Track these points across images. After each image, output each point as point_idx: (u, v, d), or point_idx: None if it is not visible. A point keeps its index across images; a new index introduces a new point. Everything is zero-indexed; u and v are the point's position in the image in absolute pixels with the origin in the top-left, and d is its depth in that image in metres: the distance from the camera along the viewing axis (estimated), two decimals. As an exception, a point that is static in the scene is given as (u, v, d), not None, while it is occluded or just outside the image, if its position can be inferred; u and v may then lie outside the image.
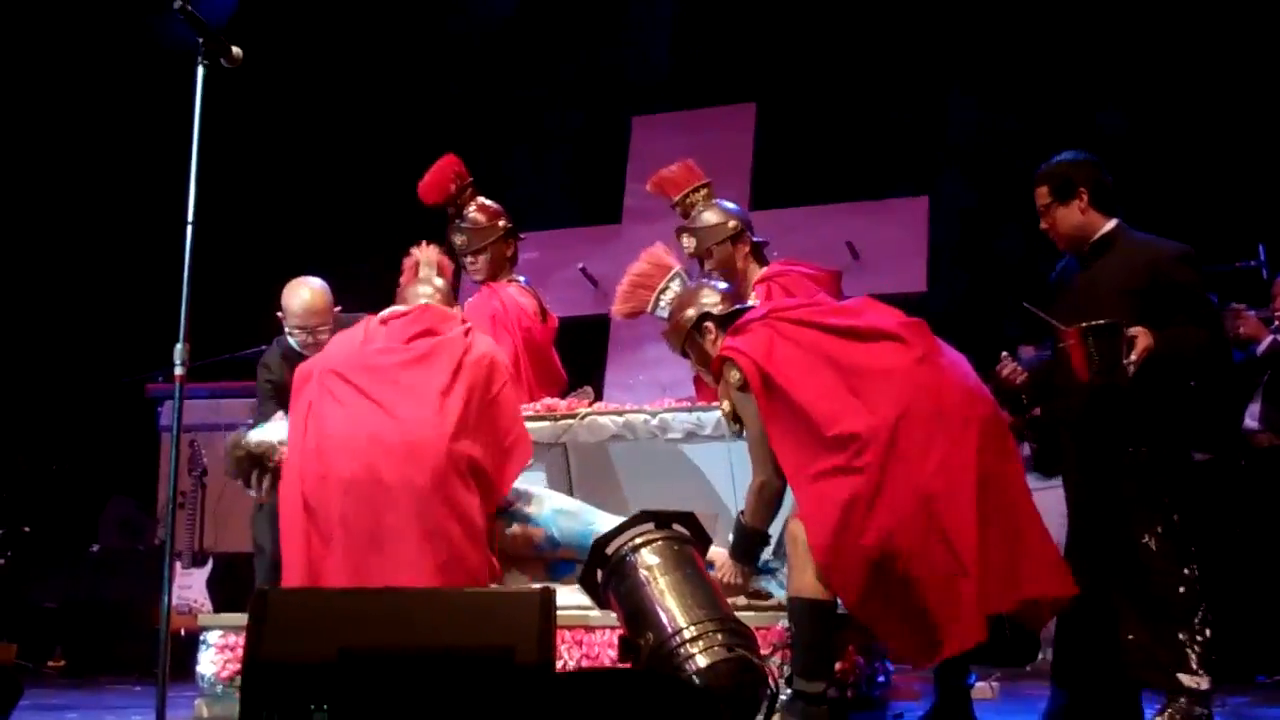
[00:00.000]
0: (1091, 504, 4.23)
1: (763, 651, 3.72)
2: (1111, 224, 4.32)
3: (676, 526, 3.51)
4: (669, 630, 3.26)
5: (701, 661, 3.21)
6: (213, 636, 4.81)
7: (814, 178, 8.48)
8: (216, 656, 4.75)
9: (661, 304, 4.83)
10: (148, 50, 9.17)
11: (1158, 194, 8.11)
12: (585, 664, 4.52)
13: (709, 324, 4.45)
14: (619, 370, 6.96)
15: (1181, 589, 4.01)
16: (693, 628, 3.25)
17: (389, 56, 10.17)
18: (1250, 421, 6.16)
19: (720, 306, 4.47)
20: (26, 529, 8.07)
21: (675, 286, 4.81)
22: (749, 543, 4.16)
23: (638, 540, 3.44)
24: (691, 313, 4.47)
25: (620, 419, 5.06)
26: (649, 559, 3.41)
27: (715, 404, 4.82)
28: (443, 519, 4.30)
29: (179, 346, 3.97)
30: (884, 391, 3.92)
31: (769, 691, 3.33)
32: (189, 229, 4.02)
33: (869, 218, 6.91)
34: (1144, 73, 8.33)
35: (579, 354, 6.46)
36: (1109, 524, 4.14)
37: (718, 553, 4.25)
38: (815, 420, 3.92)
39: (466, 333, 4.75)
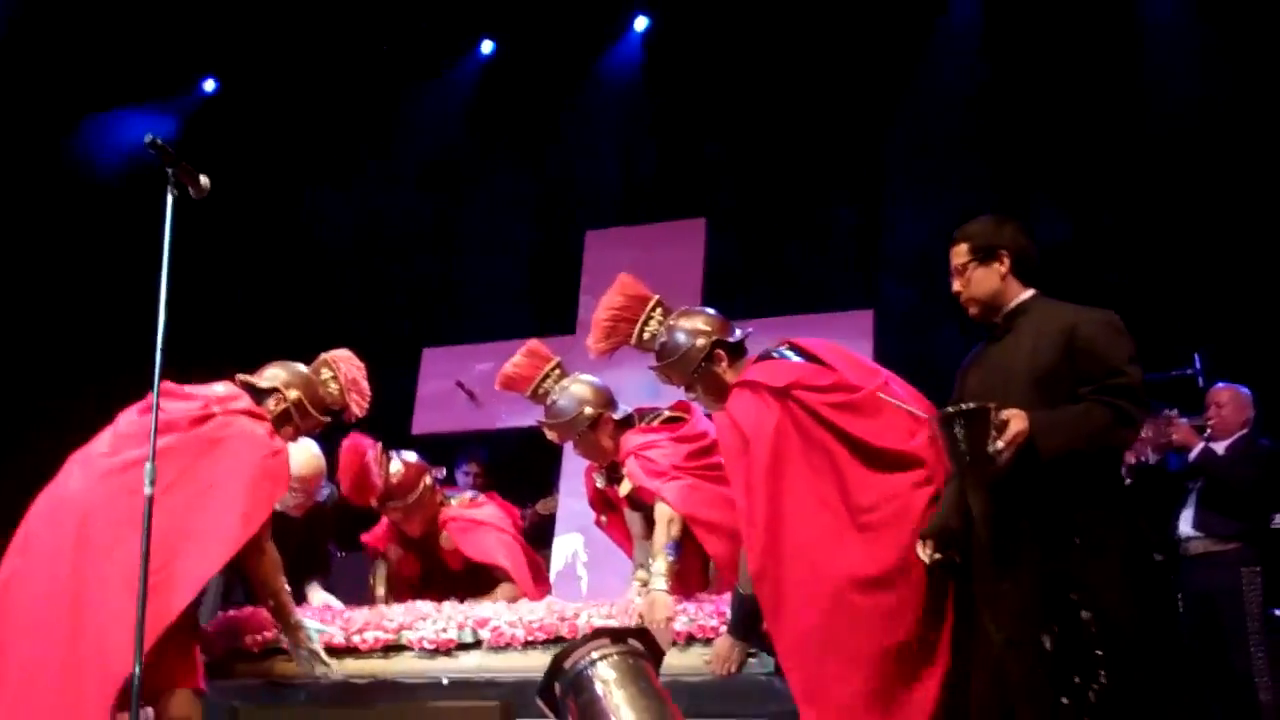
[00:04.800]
0: (996, 602, 3.81)
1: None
2: (1028, 294, 4.04)
3: (632, 641, 3.64)
4: (626, 744, 3.38)
5: (655, 774, 3.32)
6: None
7: (764, 290, 8.70)
8: None
9: (645, 335, 4.79)
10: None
11: (1095, 300, 8.35)
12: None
13: (721, 352, 4.54)
14: (576, 475, 7.09)
15: (1065, 700, 3.62)
16: (648, 741, 3.37)
17: (341, 165, 10.40)
18: (1185, 528, 6.34)
19: (724, 334, 4.57)
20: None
21: (659, 316, 4.79)
22: (747, 615, 4.14)
23: (595, 655, 3.56)
24: (702, 342, 4.54)
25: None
26: (605, 673, 3.52)
27: None
28: None
29: (149, 466, 4.08)
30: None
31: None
32: (158, 354, 4.14)
33: (818, 329, 7.07)
34: (1083, 177, 8.59)
35: (541, 462, 6.58)
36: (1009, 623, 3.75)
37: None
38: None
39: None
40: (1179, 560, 6.38)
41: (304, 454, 5.38)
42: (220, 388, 4.87)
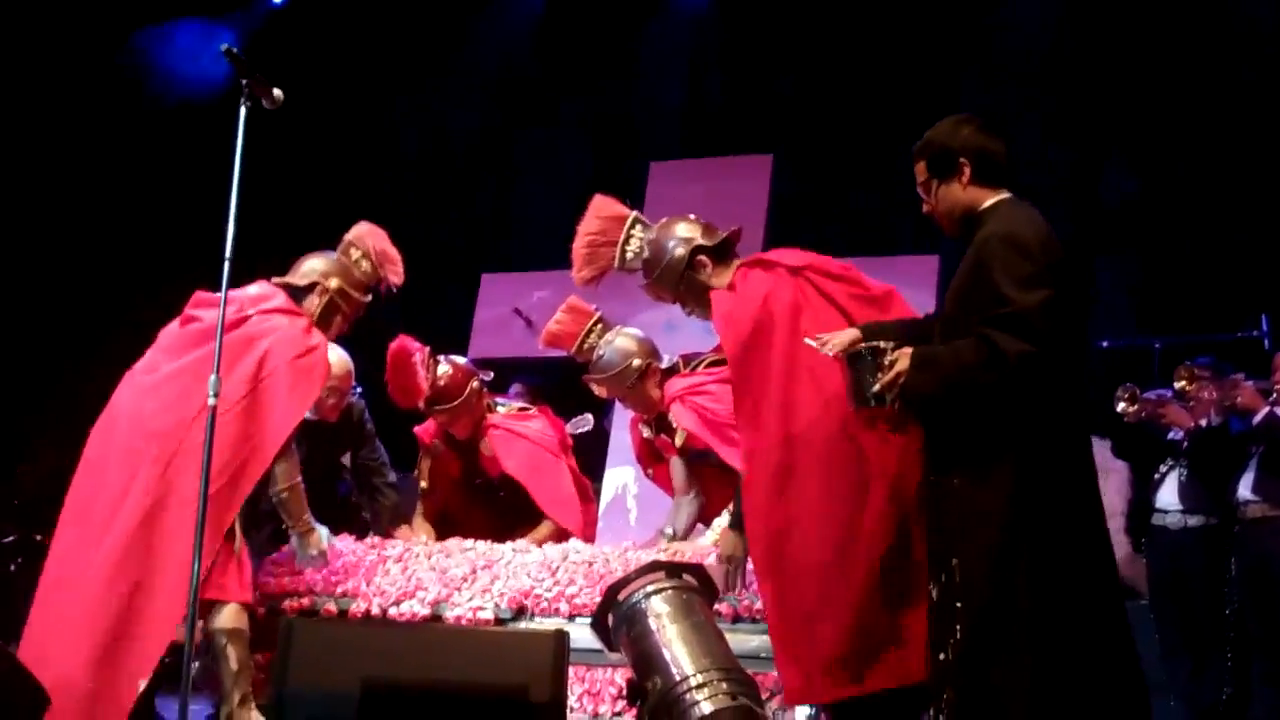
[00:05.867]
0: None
1: (763, 697, 3.85)
2: (992, 200, 3.57)
3: (686, 577, 3.65)
4: (676, 677, 3.39)
5: (706, 708, 3.34)
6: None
7: (829, 231, 8.62)
8: None
9: (628, 255, 4.54)
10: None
11: (1164, 260, 8.25)
12: (586, 699, 4.65)
13: (703, 257, 4.26)
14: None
15: (941, 655, 3.38)
16: (698, 675, 3.38)
17: (400, 90, 10.34)
18: (1244, 491, 6.27)
19: (705, 237, 4.28)
20: (39, 537, 8.15)
21: (639, 233, 4.53)
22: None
23: (649, 588, 3.58)
24: (681, 251, 4.27)
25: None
26: (659, 607, 3.54)
27: None
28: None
29: (213, 378, 4.11)
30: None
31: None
32: (226, 265, 4.17)
33: (881, 273, 7.00)
34: (1156, 137, 8.46)
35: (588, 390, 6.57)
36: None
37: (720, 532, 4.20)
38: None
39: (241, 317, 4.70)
40: (1235, 524, 6.32)
41: (332, 355, 5.40)
42: (254, 289, 4.90)
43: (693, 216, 4.45)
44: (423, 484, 5.88)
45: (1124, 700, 3.31)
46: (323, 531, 4.86)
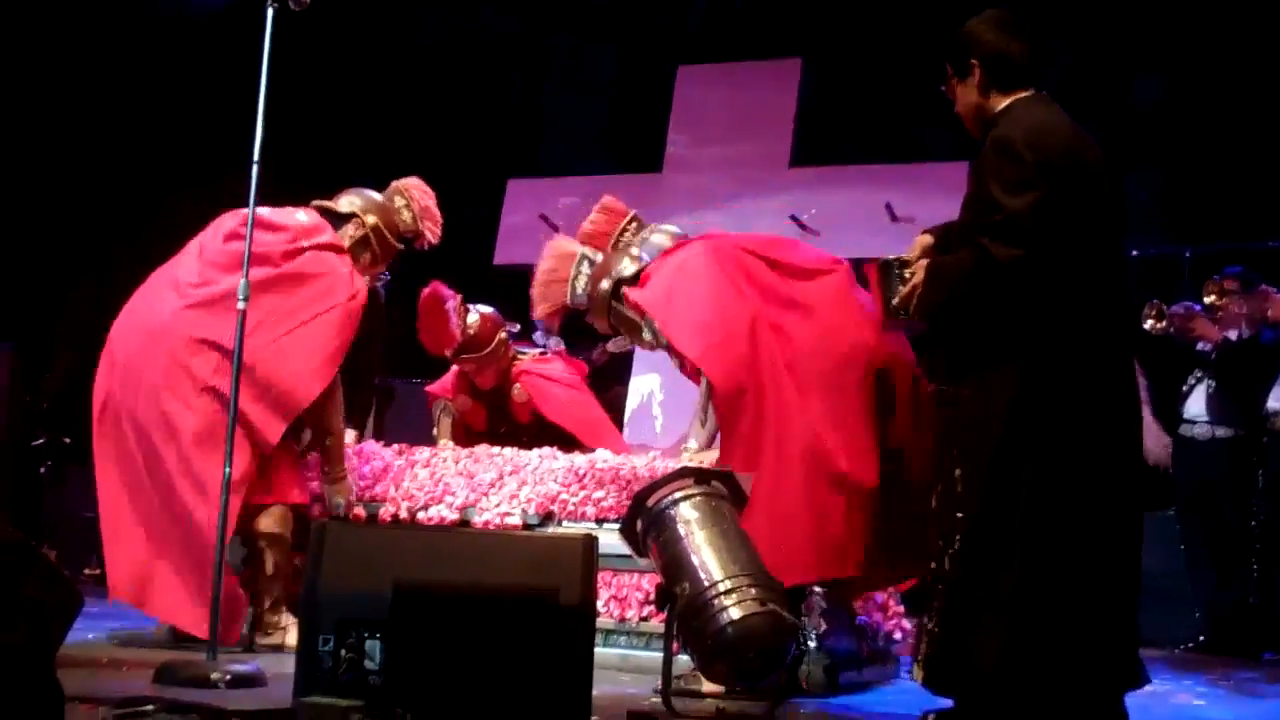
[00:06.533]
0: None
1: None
2: (1005, 103, 3.44)
3: (715, 483, 3.65)
4: (705, 582, 3.40)
5: (735, 614, 3.35)
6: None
7: (857, 137, 8.54)
8: None
9: (578, 291, 4.69)
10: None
11: (1195, 167, 8.15)
12: (613, 604, 4.68)
13: (626, 289, 4.44)
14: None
15: (936, 565, 3.39)
16: (727, 581, 3.39)
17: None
18: (1274, 403, 6.26)
19: (634, 268, 4.48)
20: (67, 439, 8.23)
21: (586, 270, 4.68)
22: None
23: (678, 494, 3.58)
24: (606, 285, 4.48)
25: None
26: (688, 513, 3.54)
27: None
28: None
29: (242, 282, 4.11)
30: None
31: (797, 644, 3.49)
32: (254, 168, 4.15)
33: (910, 180, 6.97)
34: (1186, 40, 8.34)
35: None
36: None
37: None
38: None
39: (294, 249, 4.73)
40: (1263, 435, 6.31)
41: None
42: (303, 216, 4.90)
43: (635, 252, 4.62)
44: (444, 441, 5.89)
45: (1114, 624, 3.29)
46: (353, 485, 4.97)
